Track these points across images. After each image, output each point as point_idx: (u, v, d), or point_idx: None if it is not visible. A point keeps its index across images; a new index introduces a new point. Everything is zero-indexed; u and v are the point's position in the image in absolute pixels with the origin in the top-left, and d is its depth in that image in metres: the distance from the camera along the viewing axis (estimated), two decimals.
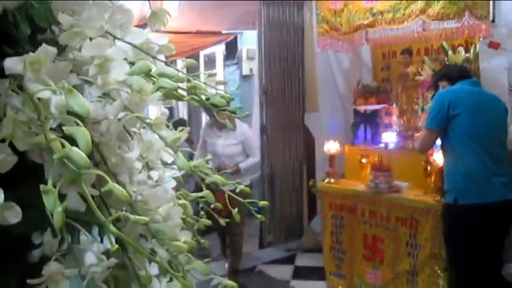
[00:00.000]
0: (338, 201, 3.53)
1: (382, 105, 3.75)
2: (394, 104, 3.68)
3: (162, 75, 0.52)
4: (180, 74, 0.55)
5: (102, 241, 0.61)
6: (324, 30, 3.51)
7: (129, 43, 0.77)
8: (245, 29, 5.81)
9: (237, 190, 0.73)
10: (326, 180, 3.69)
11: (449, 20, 2.86)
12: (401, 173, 3.35)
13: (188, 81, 0.57)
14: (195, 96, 0.53)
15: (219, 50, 6.99)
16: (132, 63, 0.56)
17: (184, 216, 0.71)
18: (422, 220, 3.01)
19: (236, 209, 0.76)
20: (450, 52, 3.10)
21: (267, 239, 4.58)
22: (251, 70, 5.98)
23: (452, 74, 2.73)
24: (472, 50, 3.08)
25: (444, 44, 3.21)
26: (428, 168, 3.14)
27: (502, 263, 2.71)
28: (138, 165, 0.63)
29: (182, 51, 7.05)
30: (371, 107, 3.76)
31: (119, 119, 0.60)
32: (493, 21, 2.95)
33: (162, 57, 0.78)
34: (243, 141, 3.65)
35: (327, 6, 3.45)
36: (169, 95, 0.61)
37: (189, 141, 6.28)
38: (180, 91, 0.60)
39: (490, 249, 2.47)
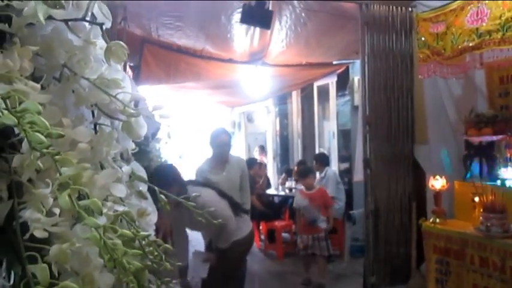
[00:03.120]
0: (443, 244, 3.13)
1: (499, 136, 3.27)
2: None
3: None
4: None
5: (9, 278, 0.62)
6: (425, 55, 3.22)
7: (86, 78, 0.79)
8: (350, 58, 5.67)
9: None
10: (431, 220, 3.32)
11: None
12: None
13: None
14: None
15: (332, 81, 6.91)
16: None
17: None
18: None
19: None
20: None
21: (370, 280, 4.24)
22: None
23: None
24: None
25: None
26: None
27: None
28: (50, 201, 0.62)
29: (294, 84, 7.13)
30: (486, 138, 3.31)
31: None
32: None
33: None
34: None
35: (427, 30, 3.16)
36: None
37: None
38: None
39: None
